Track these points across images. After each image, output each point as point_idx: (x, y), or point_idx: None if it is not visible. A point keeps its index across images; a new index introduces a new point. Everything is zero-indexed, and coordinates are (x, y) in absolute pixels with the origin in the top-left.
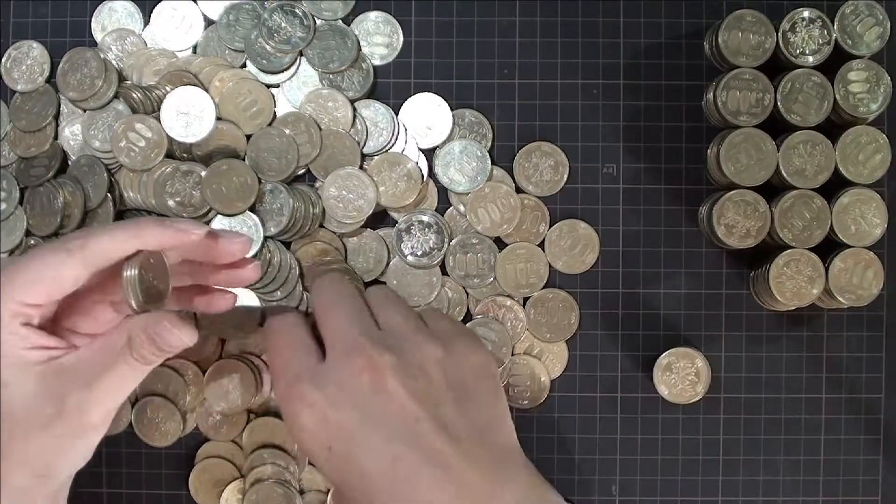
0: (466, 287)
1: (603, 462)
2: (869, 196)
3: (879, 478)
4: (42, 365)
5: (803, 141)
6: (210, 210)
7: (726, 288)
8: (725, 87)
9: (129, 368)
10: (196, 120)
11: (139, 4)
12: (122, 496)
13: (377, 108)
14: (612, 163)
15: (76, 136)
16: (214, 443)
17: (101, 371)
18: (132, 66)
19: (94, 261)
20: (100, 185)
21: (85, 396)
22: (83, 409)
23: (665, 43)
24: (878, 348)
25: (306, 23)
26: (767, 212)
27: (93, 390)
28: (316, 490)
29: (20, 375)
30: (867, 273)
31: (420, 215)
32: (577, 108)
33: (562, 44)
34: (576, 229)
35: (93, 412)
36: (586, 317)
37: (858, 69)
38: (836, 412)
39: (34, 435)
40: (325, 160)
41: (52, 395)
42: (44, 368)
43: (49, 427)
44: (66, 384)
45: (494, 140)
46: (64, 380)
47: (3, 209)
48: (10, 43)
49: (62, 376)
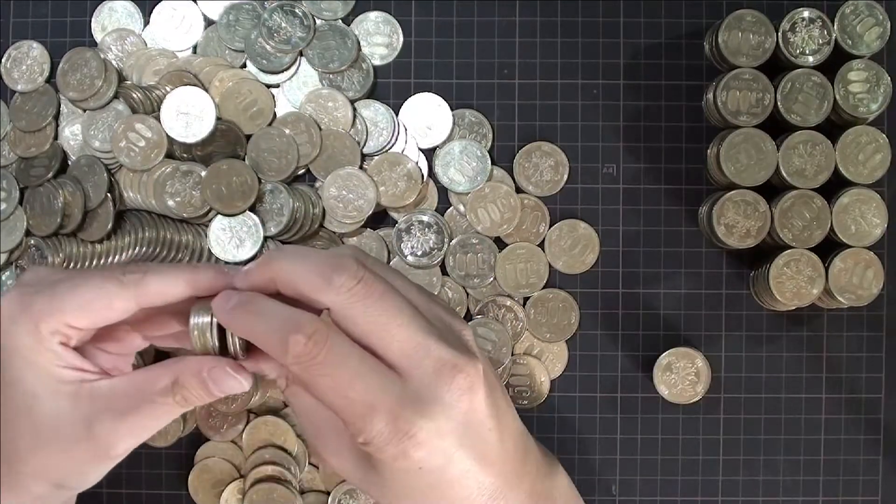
0: (466, 287)
1: (603, 462)
2: (869, 196)
3: (879, 478)
4: (75, 385)
5: (803, 141)
6: (210, 210)
7: (726, 288)
8: (725, 87)
9: (166, 409)
10: (196, 120)
11: (139, 4)
12: (121, 496)
13: (377, 108)
14: (612, 163)
15: (76, 136)
16: (214, 443)
17: (137, 406)
18: (132, 66)
19: (147, 299)
20: (100, 185)
21: (115, 427)
22: (110, 439)
23: (665, 43)
24: (878, 348)
25: (306, 23)
26: (767, 212)
27: (124, 423)
28: (316, 490)
29: (52, 391)
30: (867, 273)
31: (420, 215)
32: (577, 108)
33: (562, 44)
34: (576, 229)
35: (119, 444)
36: (586, 317)
37: (858, 69)
38: (836, 412)
39: (56, 452)
40: (325, 160)
41: (81, 417)
42: (77, 389)
43: (72, 449)
44: (98, 411)
45: (494, 140)
46: (95, 405)
47: (3, 209)
48: (10, 43)
49: (94, 402)
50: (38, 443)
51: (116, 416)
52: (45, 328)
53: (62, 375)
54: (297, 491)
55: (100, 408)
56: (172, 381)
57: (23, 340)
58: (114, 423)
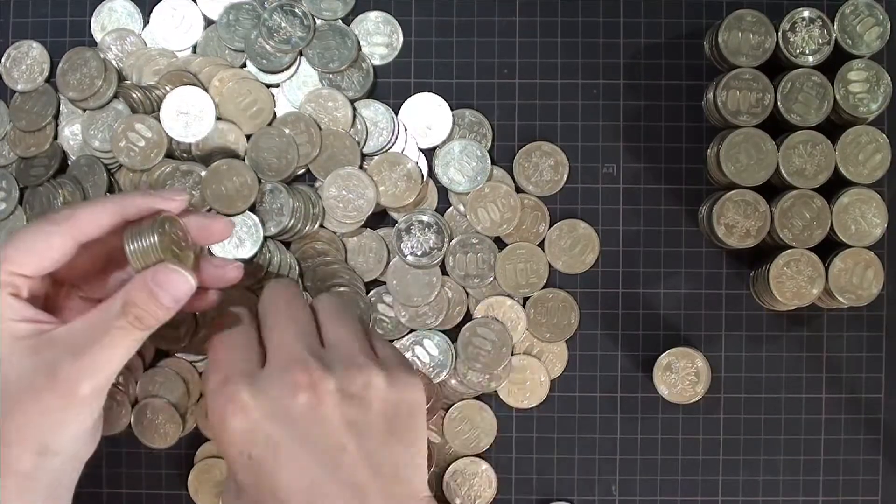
0: (466, 287)
1: (603, 462)
2: (869, 196)
3: (879, 478)
4: (33, 338)
5: (803, 141)
6: (210, 210)
7: (726, 288)
8: (725, 87)
9: (122, 335)
10: (196, 120)
11: (139, 4)
12: (121, 496)
13: (377, 108)
14: (612, 163)
15: (76, 136)
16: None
17: (92, 340)
18: (132, 66)
19: (82, 231)
20: (99, 185)
21: (76, 366)
22: (73, 379)
23: (665, 43)
24: (878, 348)
25: (306, 23)
26: (767, 212)
27: (82, 359)
28: None
29: (11, 349)
30: (867, 273)
31: (420, 215)
32: (577, 108)
33: (562, 44)
34: (576, 229)
35: (83, 383)
36: (586, 317)
37: (858, 69)
38: (836, 412)
39: (27, 408)
40: (325, 160)
41: (43, 366)
42: (35, 342)
43: (40, 398)
44: (58, 355)
45: (494, 140)
46: (55, 351)
47: (3, 209)
48: (9, 43)
49: (54, 348)
50: (8, 405)
51: (76, 355)
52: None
53: (18, 330)
54: None
55: (59, 352)
56: (123, 302)
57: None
58: (74, 362)
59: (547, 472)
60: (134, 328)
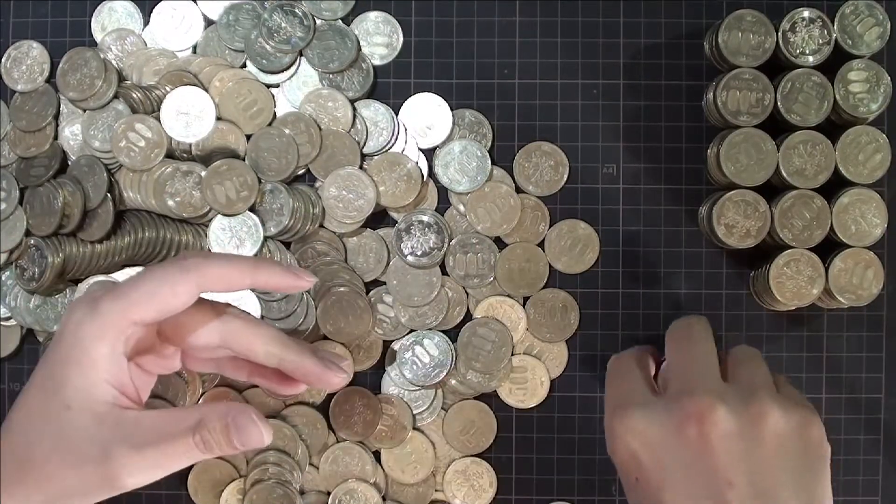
0: (466, 287)
1: (603, 462)
2: (869, 196)
3: (879, 478)
4: (107, 407)
5: (803, 141)
6: (210, 210)
7: (726, 288)
8: (725, 87)
9: (185, 450)
10: (196, 120)
11: (139, 4)
12: (121, 496)
13: (377, 108)
14: (612, 163)
15: (76, 136)
16: None
17: (156, 441)
18: (132, 66)
19: (208, 282)
20: (100, 185)
21: (130, 458)
22: (122, 469)
23: (665, 43)
24: (878, 348)
25: (306, 23)
26: (767, 212)
27: (140, 455)
28: (316, 490)
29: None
30: (867, 273)
31: (420, 215)
32: (577, 108)
33: (562, 44)
34: (576, 229)
35: (129, 477)
36: (586, 317)
37: (858, 69)
38: (836, 412)
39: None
40: (325, 160)
41: (101, 440)
42: (106, 412)
43: (83, 468)
44: (118, 438)
45: (494, 140)
46: (118, 433)
47: (3, 209)
48: (10, 43)
49: (118, 429)
50: (54, 453)
51: (134, 448)
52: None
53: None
54: (297, 491)
55: (121, 436)
56: (197, 421)
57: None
58: (130, 454)
59: (547, 472)
60: (198, 450)
